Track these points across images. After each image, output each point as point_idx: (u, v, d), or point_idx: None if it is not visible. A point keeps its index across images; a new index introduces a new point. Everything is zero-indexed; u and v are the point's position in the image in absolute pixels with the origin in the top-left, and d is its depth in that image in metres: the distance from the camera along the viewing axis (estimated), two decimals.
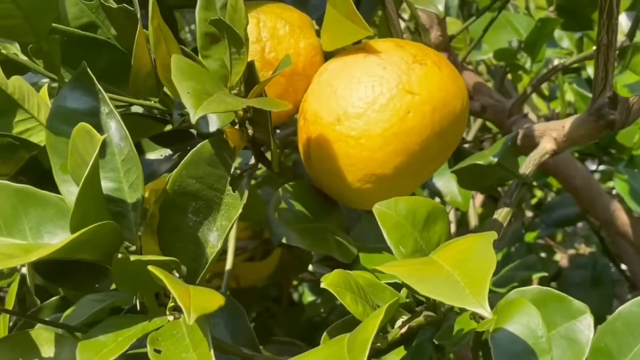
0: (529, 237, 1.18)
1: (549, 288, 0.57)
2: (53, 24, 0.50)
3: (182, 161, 0.46)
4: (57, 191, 0.50)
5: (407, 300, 0.51)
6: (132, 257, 0.41)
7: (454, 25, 1.07)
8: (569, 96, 1.18)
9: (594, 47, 0.74)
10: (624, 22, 0.96)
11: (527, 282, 0.87)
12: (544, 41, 1.09)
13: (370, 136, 0.56)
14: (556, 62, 1.25)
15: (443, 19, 0.90)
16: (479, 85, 0.94)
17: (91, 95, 0.46)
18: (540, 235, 1.19)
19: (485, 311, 0.40)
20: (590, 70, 1.09)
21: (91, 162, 0.39)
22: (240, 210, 0.47)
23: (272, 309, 1.24)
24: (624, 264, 1.25)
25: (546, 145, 0.76)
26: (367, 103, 0.57)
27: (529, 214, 1.33)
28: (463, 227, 1.22)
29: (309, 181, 0.63)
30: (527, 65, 1.09)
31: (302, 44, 0.62)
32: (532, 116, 1.35)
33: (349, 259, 0.60)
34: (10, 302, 0.61)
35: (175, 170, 0.46)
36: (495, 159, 0.73)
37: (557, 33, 1.20)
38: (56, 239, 0.47)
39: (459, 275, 0.43)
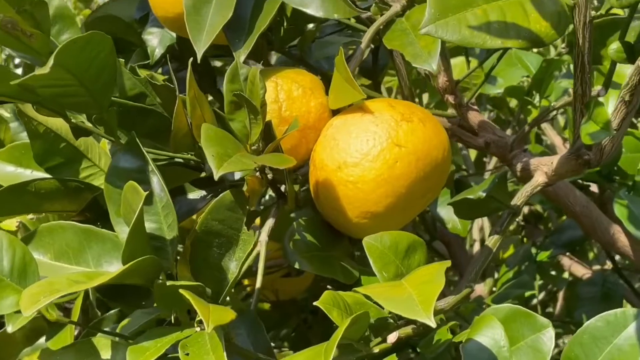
0: (542, 256, 1.28)
1: (519, 306, 0.69)
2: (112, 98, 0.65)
3: (208, 207, 0.60)
4: (112, 228, 0.65)
5: (389, 315, 0.64)
6: (169, 283, 0.55)
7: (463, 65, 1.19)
8: None
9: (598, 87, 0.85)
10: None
11: (521, 298, 0.98)
12: (551, 79, 1.20)
13: (365, 181, 0.69)
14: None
15: (449, 65, 1.02)
16: (484, 123, 1.05)
17: (139, 158, 0.61)
18: (552, 255, 1.30)
19: (431, 322, 0.53)
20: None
21: (137, 211, 0.53)
22: (252, 245, 0.60)
23: (309, 320, 1.35)
24: None
25: (539, 178, 0.87)
26: (363, 154, 0.69)
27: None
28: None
29: (319, 215, 0.76)
30: (536, 100, 1.20)
31: (313, 103, 0.76)
32: (557, 140, 1.46)
33: (350, 281, 0.73)
34: (75, 315, 0.74)
35: (203, 214, 0.60)
36: (484, 194, 0.84)
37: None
38: (112, 267, 0.61)
39: (416, 295, 0.55)
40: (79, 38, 0.54)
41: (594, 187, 1.27)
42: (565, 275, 1.31)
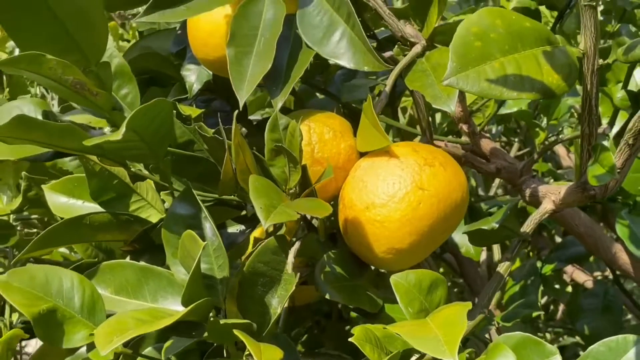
0: (547, 269, 1.36)
1: (529, 335, 0.77)
2: None
3: (255, 251, 0.67)
4: (160, 257, 0.72)
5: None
6: (222, 321, 0.62)
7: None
8: None
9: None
10: None
11: (528, 317, 1.06)
12: (558, 103, 1.27)
13: (391, 221, 0.76)
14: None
15: (464, 96, 1.09)
16: (495, 150, 1.12)
17: (193, 205, 0.68)
18: (556, 269, 1.37)
19: None
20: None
21: (196, 259, 0.60)
22: (293, 285, 0.67)
23: (322, 322, 1.42)
24: None
25: (547, 205, 0.94)
26: (389, 196, 0.77)
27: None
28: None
29: (347, 248, 0.83)
30: (544, 123, 1.27)
31: (343, 145, 0.83)
32: (562, 150, 1.53)
33: (375, 309, 0.80)
34: None
35: (250, 257, 0.67)
36: (497, 225, 0.92)
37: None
38: (167, 301, 0.68)
39: (441, 335, 0.63)
40: (145, 107, 0.61)
41: None
42: (566, 278, 1.38)
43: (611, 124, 0.96)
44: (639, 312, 1.43)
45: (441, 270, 1.47)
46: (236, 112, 0.73)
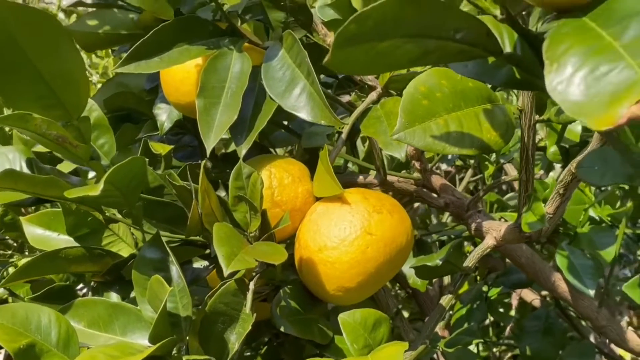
0: (492, 292, 1.45)
1: None
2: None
3: (216, 293, 0.75)
4: (127, 289, 0.79)
5: None
6: (184, 357, 0.70)
7: None
8: None
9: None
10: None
11: (468, 344, 1.14)
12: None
13: (341, 262, 0.84)
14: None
15: None
16: (444, 186, 1.21)
17: (161, 251, 0.75)
18: (501, 292, 1.46)
19: None
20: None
21: (163, 302, 0.68)
22: (250, 324, 0.75)
23: (280, 336, 1.50)
24: None
25: (488, 241, 1.03)
26: (340, 240, 0.84)
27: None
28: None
29: (301, 284, 0.91)
30: (493, 157, 1.36)
31: (300, 189, 0.90)
32: (515, 173, 1.62)
33: (326, 341, 0.88)
34: None
35: (212, 298, 0.75)
36: (441, 262, 1.00)
37: None
38: (135, 335, 0.75)
39: None
40: (122, 165, 0.68)
41: None
42: (515, 296, 1.48)
43: (547, 171, 1.04)
44: (578, 333, 1.53)
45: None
46: (203, 162, 0.80)
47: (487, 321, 1.66)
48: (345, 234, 0.84)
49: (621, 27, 0.42)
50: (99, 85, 1.94)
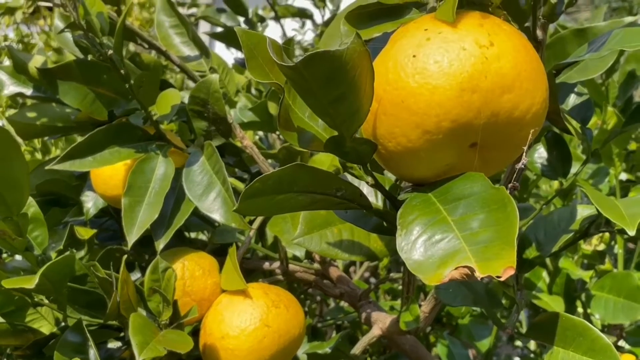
0: None
1: None
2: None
3: None
4: None
5: None
6: None
7: None
8: None
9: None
10: None
11: None
12: None
13: (241, 350, 0.96)
14: None
15: None
16: (341, 277, 1.35)
17: (82, 335, 0.86)
18: None
19: None
20: None
21: None
22: None
23: None
24: None
25: (375, 331, 1.16)
26: (241, 330, 0.97)
27: None
28: None
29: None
30: None
31: (209, 282, 1.03)
32: None
33: None
34: None
35: None
36: (330, 350, 1.13)
37: None
38: None
39: None
40: (56, 263, 0.80)
41: None
42: None
43: None
44: None
45: None
46: (124, 256, 0.92)
47: None
48: (245, 324, 0.97)
49: (454, 206, 0.57)
50: None
